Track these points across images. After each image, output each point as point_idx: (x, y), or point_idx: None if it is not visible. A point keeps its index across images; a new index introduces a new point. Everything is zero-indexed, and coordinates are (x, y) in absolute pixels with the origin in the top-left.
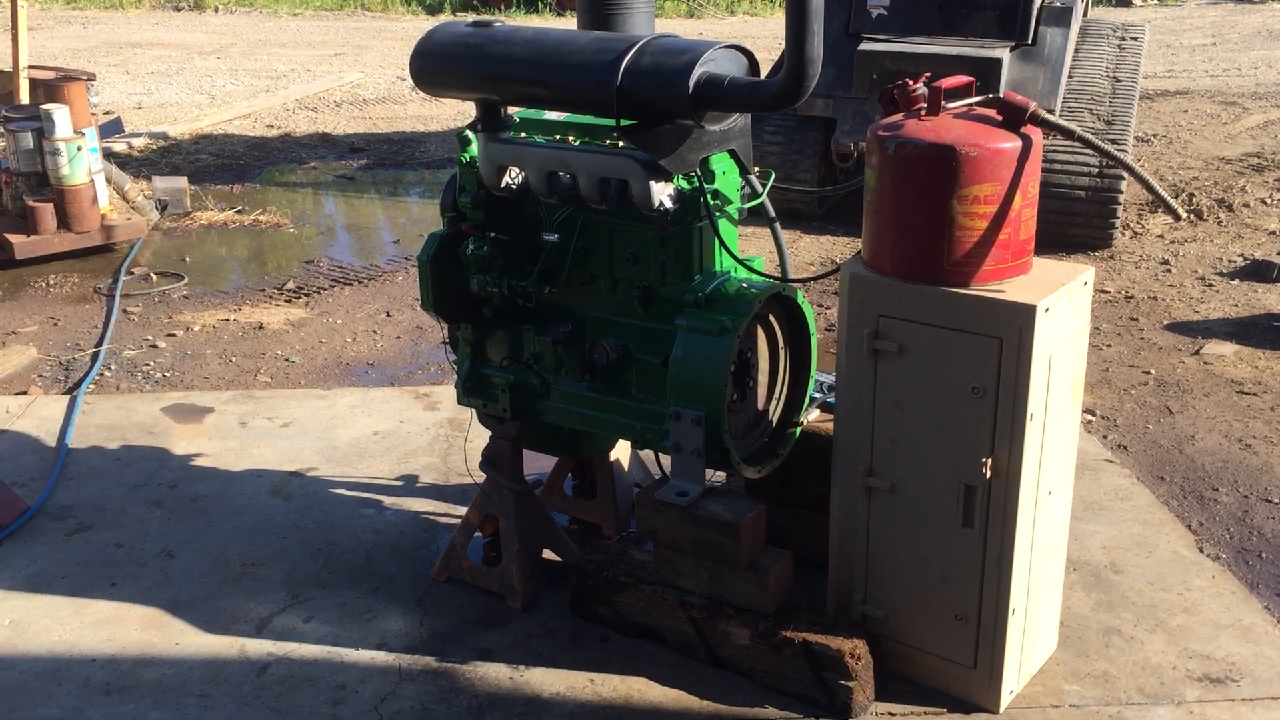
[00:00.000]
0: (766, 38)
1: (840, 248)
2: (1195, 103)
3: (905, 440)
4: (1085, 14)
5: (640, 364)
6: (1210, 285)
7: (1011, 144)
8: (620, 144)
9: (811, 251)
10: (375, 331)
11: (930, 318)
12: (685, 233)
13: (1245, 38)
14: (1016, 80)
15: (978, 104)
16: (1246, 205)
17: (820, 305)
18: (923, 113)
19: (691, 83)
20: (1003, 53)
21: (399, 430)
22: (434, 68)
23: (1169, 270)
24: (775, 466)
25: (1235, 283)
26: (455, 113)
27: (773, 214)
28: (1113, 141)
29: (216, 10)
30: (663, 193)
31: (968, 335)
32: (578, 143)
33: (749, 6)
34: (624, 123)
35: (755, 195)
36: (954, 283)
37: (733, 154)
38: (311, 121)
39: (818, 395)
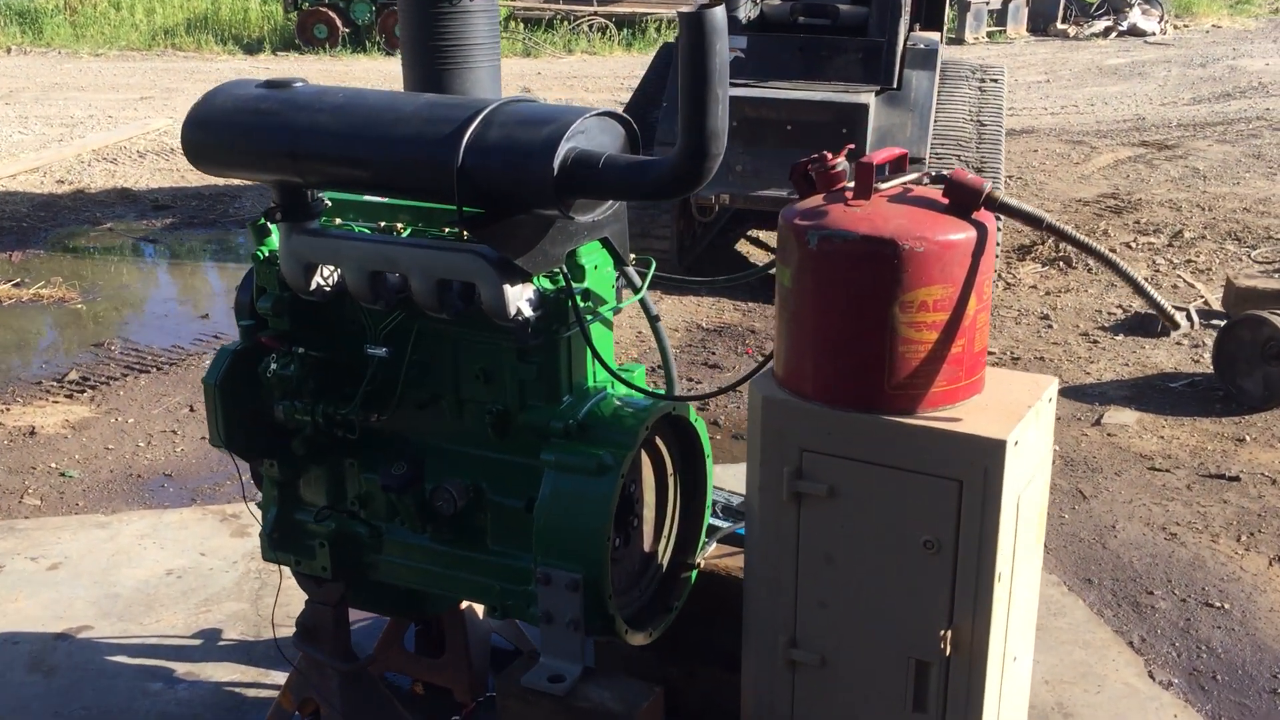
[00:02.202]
0: (607, 77)
1: (705, 311)
2: (1043, 141)
3: (839, 604)
4: None
5: (496, 508)
6: (1096, 342)
7: (964, 235)
8: (463, 236)
9: (674, 315)
10: (175, 432)
11: (869, 454)
12: (549, 344)
13: (1076, 74)
14: (884, 127)
15: (913, 182)
16: (1113, 250)
17: (735, 305)
18: (848, 194)
19: (556, 163)
20: (868, 98)
21: (198, 567)
22: (214, 141)
23: (1050, 326)
24: (669, 624)
25: (1120, 338)
26: None
27: (655, 311)
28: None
29: (9, 51)
30: (519, 297)
31: (918, 476)
32: (407, 232)
33: (587, 45)
34: (467, 212)
35: (634, 289)
36: (898, 409)
37: (605, 242)
38: (110, 175)
39: (717, 523)
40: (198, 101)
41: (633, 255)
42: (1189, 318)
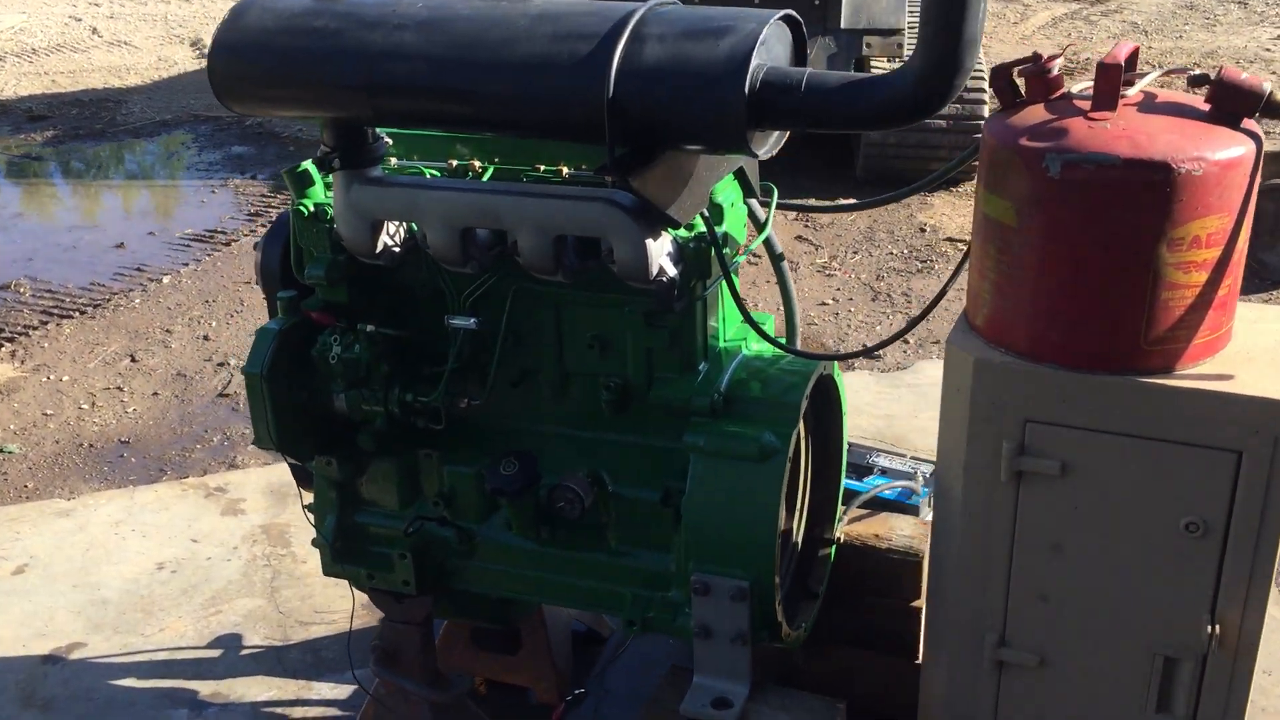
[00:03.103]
0: None
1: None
2: None
3: (1065, 597)
4: None
5: (621, 501)
6: None
7: (1244, 150)
8: (563, 176)
9: None
10: (121, 389)
11: (1118, 424)
12: (686, 304)
13: None
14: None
15: (1156, 82)
16: None
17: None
18: (1082, 104)
19: (748, 86)
20: None
21: (194, 557)
22: (258, 73)
23: None
24: (816, 612)
25: None
26: (157, 59)
27: (779, 249)
28: None
29: None
30: (661, 252)
31: (1182, 448)
32: (487, 174)
33: None
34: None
35: (758, 225)
36: (1154, 368)
37: (739, 174)
38: None
39: (855, 485)
40: (224, 22)
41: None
42: None
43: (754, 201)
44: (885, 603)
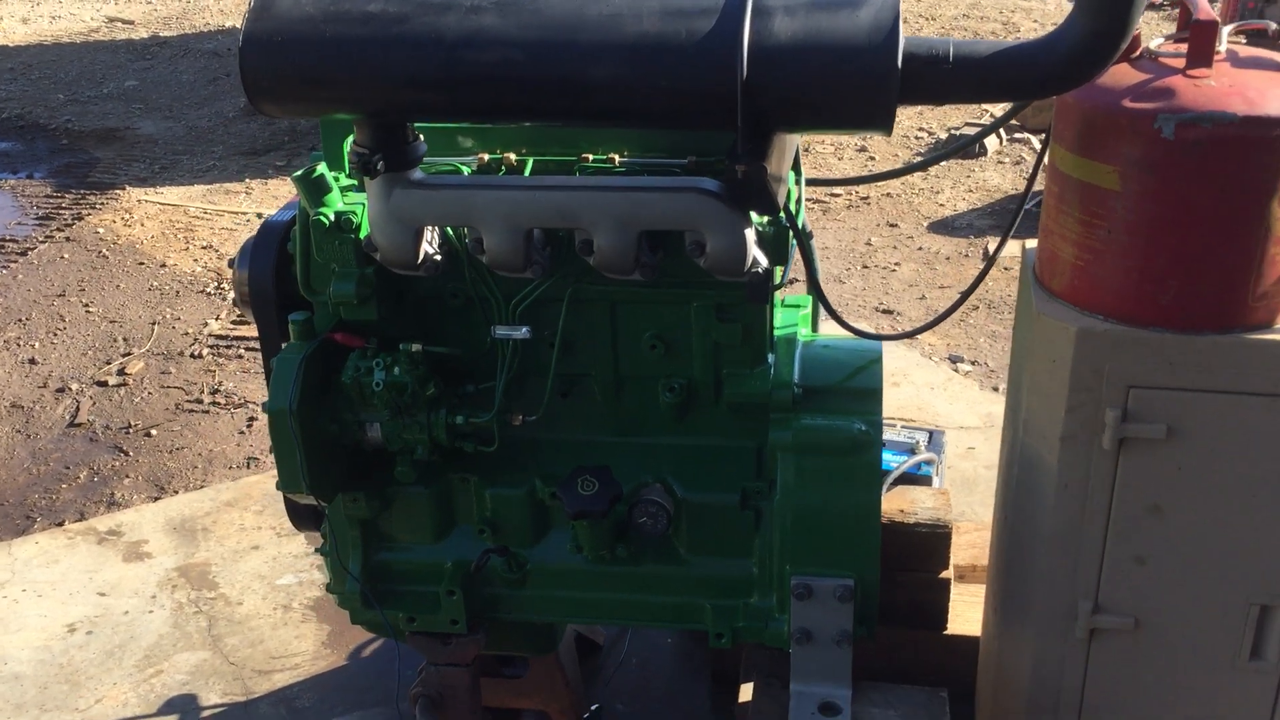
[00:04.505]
0: None
1: None
2: None
3: (1164, 558)
4: None
5: (695, 509)
6: (927, 171)
7: None
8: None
9: None
10: None
11: (1225, 382)
12: None
13: None
14: None
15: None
16: None
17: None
18: (1175, 63)
19: (901, 59)
20: None
21: (108, 614)
22: (306, 69)
23: (873, 159)
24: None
25: (945, 165)
26: None
27: (808, 226)
28: None
29: None
30: (753, 241)
31: None
32: (528, 169)
33: None
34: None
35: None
36: (1258, 323)
37: None
38: None
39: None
40: (252, 11)
41: None
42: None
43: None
44: (915, 576)
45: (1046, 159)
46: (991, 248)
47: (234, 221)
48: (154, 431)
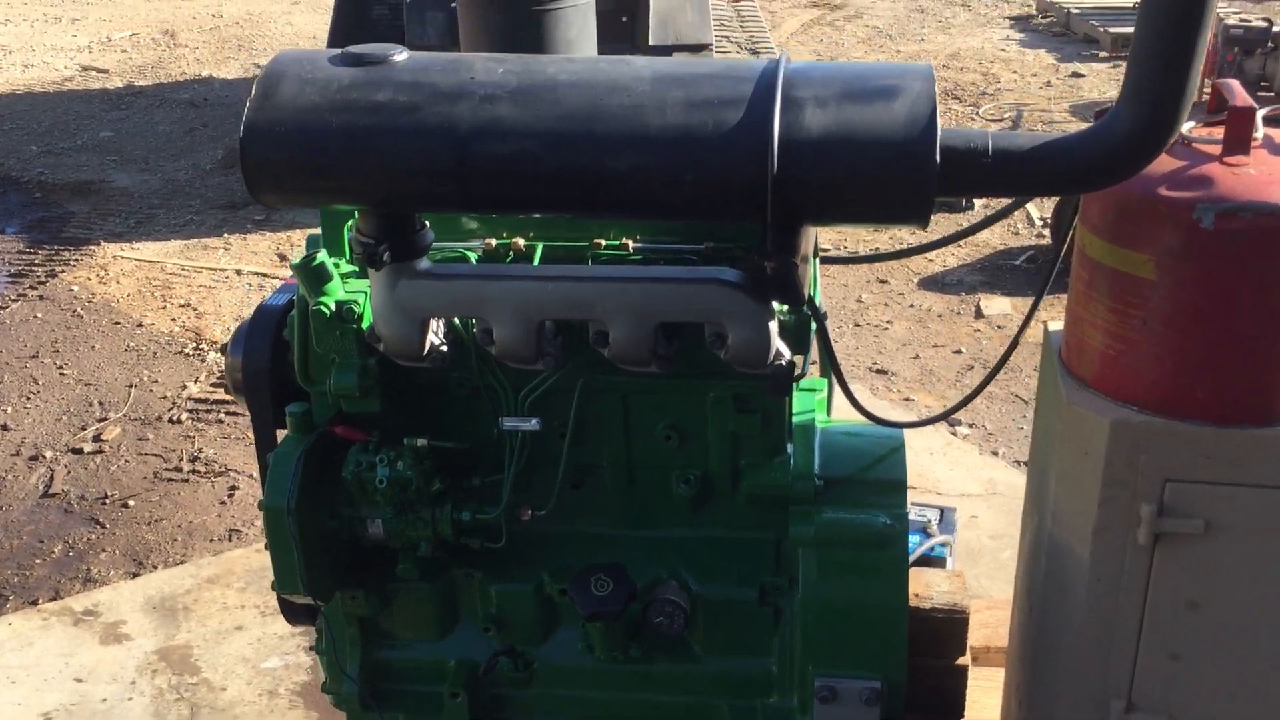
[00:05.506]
0: None
1: None
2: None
3: (1199, 655)
4: None
5: (711, 604)
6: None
7: None
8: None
9: None
10: None
11: (1267, 476)
12: None
13: None
14: (663, 12)
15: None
16: None
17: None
18: (1207, 149)
19: (940, 156)
20: None
21: (86, 700)
22: (311, 159)
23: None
24: None
25: (935, 219)
26: None
27: (823, 306)
28: None
29: None
30: (776, 333)
31: None
32: (538, 257)
33: None
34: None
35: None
36: None
37: None
38: None
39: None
40: (254, 99)
41: None
42: None
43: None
44: (931, 662)
45: (1076, 242)
46: (984, 305)
47: (212, 278)
48: (131, 502)
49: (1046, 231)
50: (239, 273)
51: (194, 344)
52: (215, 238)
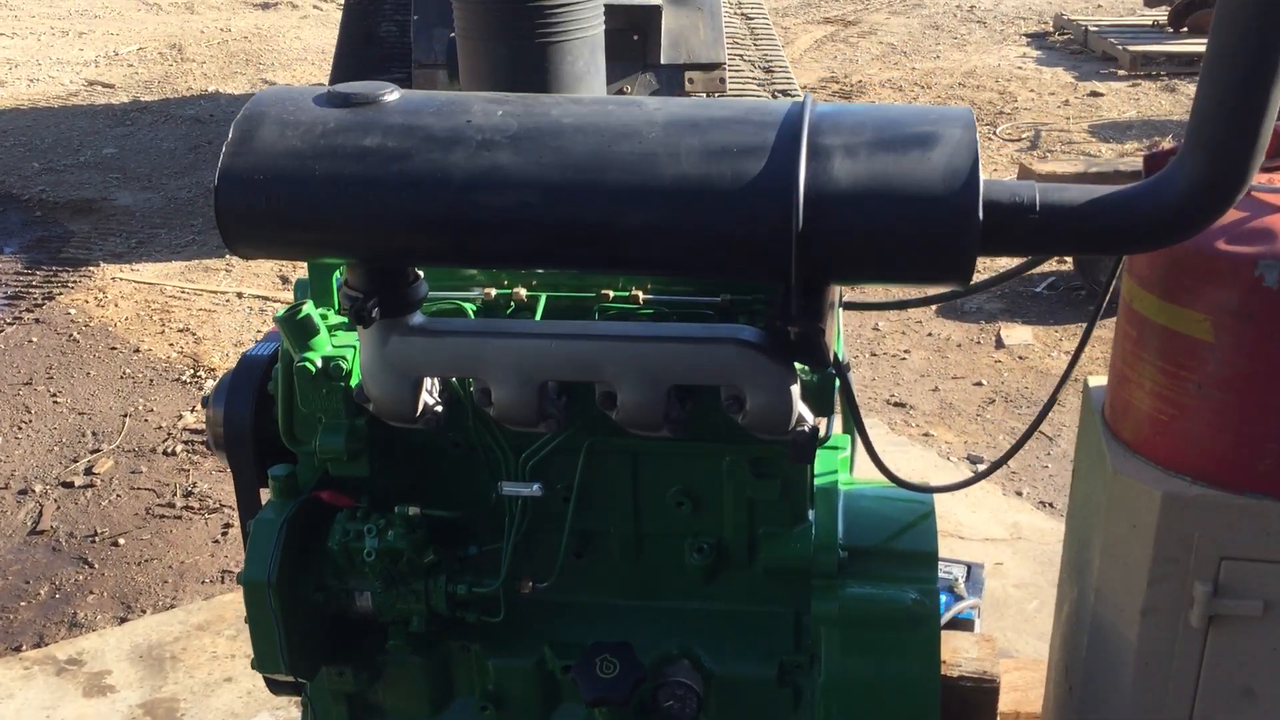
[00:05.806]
0: None
1: None
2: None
3: None
4: None
5: (726, 683)
6: None
7: None
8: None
9: None
10: None
11: None
12: None
13: None
14: (675, 30)
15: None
16: None
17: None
18: (1272, 201)
19: (982, 211)
20: None
21: None
22: (290, 210)
23: None
24: None
25: None
26: None
27: (845, 357)
28: (782, 93)
29: None
30: (798, 397)
31: None
32: (540, 311)
33: None
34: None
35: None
36: None
37: None
38: None
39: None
40: (230, 144)
41: None
42: None
43: None
44: None
45: (1122, 294)
46: (1005, 334)
47: (213, 302)
48: (122, 540)
49: (1068, 258)
50: (240, 296)
51: (191, 370)
52: (217, 259)
